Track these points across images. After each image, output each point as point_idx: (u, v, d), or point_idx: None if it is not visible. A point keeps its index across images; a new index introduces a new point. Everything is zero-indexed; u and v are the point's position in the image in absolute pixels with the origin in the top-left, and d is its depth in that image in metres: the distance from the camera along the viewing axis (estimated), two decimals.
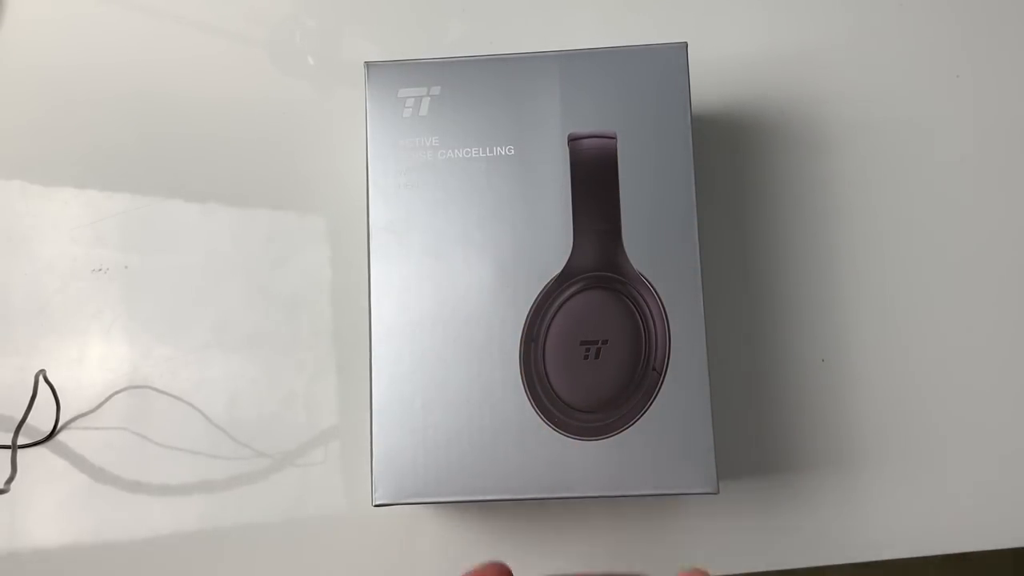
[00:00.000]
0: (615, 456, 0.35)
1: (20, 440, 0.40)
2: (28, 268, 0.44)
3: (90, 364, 0.43)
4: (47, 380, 0.42)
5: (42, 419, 0.42)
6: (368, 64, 0.38)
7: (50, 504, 0.42)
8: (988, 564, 0.89)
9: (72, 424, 0.42)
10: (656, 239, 0.36)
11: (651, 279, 0.36)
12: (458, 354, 0.36)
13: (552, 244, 0.36)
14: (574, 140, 0.37)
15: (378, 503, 0.35)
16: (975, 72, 0.45)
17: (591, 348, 0.36)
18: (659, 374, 0.36)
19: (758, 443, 0.42)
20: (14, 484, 0.40)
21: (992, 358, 0.43)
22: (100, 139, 0.45)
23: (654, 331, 0.36)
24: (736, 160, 0.44)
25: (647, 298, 0.36)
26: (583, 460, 0.35)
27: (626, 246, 0.36)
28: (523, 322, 0.36)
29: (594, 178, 0.37)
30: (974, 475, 0.42)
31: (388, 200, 0.37)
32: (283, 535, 0.41)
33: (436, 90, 0.38)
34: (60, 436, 0.42)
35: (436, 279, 0.37)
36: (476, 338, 0.36)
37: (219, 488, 0.42)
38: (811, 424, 0.42)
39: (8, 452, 0.39)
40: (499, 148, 0.37)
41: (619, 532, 0.41)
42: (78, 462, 0.42)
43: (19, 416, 0.40)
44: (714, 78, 0.45)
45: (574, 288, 0.36)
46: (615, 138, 0.37)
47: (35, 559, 0.41)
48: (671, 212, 0.37)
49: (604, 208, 0.37)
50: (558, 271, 0.36)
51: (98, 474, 0.42)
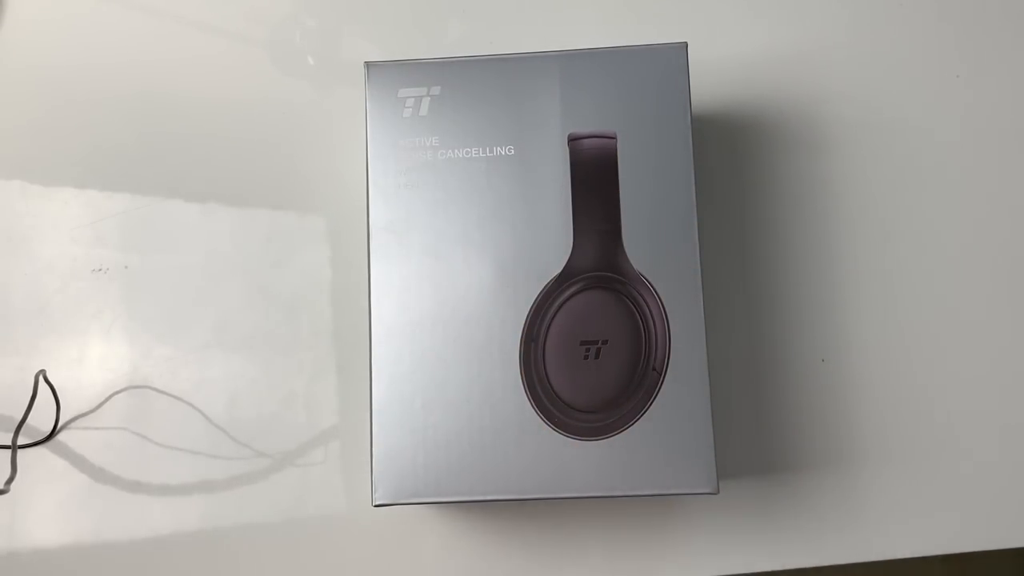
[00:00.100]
0: (615, 456, 0.35)
1: (20, 440, 0.40)
2: (28, 268, 0.44)
3: (90, 364, 0.43)
4: (47, 380, 0.42)
5: (42, 419, 0.42)
6: (368, 64, 0.38)
7: (50, 504, 0.42)
8: (990, 564, 0.89)
9: (72, 424, 0.42)
10: (656, 239, 0.36)
11: (651, 279, 0.36)
12: (458, 354, 0.36)
13: (552, 244, 0.36)
14: (574, 140, 0.37)
15: (378, 503, 0.35)
16: (975, 72, 0.45)
17: (591, 348, 0.36)
18: (659, 374, 0.36)
19: (758, 443, 0.42)
20: (14, 484, 0.40)
21: (992, 358, 0.43)
22: (100, 139, 0.45)
23: (654, 331, 0.36)
24: (736, 160, 0.44)
25: (647, 298, 0.36)
26: (583, 460, 0.35)
27: (626, 246, 0.36)
28: (523, 322, 0.36)
29: (594, 178, 0.37)
30: (974, 475, 0.42)
31: (388, 200, 0.37)
32: (283, 535, 0.41)
33: (436, 90, 0.38)
34: (60, 436, 0.42)
35: (436, 279, 0.37)
36: (476, 338, 0.36)
37: (219, 488, 0.42)
38: (811, 424, 0.42)
39: (8, 452, 0.39)
40: (499, 148, 0.37)
41: (619, 532, 0.41)
42: (78, 462, 0.42)
43: (19, 416, 0.40)
44: (714, 78, 0.45)
45: (574, 288, 0.36)
46: (615, 138, 0.37)
47: (35, 559, 0.41)
48: (671, 212, 0.37)
49: (604, 208, 0.37)
50: (558, 271, 0.36)
51: (98, 474, 0.42)
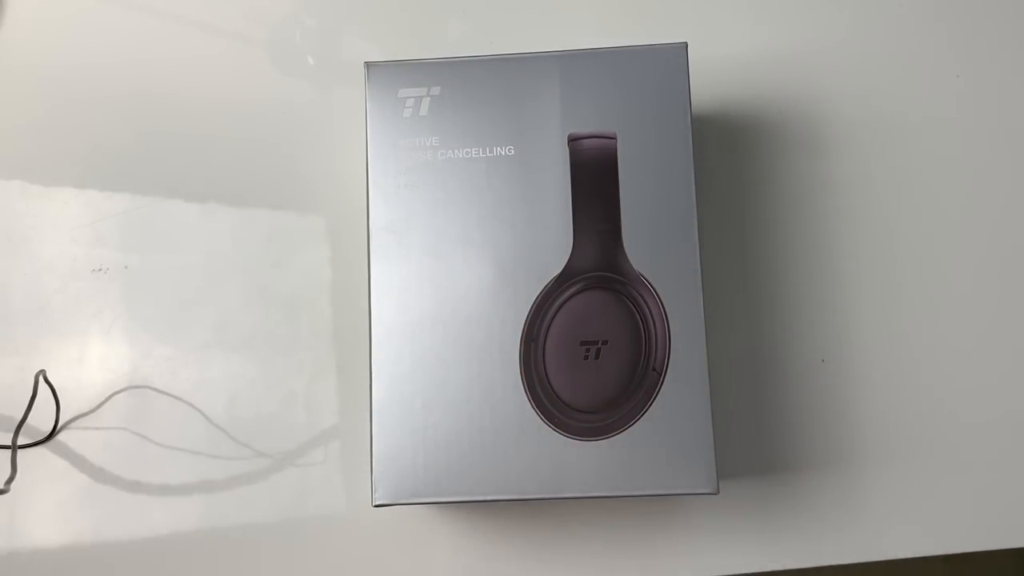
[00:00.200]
0: (615, 456, 0.35)
1: (20, 440, 0.40)
2: (28, 268, 0.44)
3: (90, 364, 0.43)
4: (47, 380, 0.42)
5: (42, 419, 0.42)
6: (368, 64, 0.38)
7: (50, 504, 0.42)
8: (990, 564, 0.89)
9: (72, 424, 0.42)
10: (656, 239, 0.36)
11: (651, 279, 0.36)
12: (458, 354, 0.36)
13: (552, 244, 0.36)
14: (574, 140, 0.37)
15: (378, 503, 0.35)
16: (975, 72, 0.45)
17: (591, 348, 0.36)
18: (659, 374, 0.36)
19: (758, 443, 0.42)
20: (14, 484, 0.40)
21: (992, 358, 0.43)
22: (100, 139, 0.45)
23: (654, 331, 0.36)
24: (736, 160, 0.44)
25: (647, 298, 0.36)
26: (583, 460, 0.35)
27: (626, 246, 0.36)
28: (523, 322, 0.36)
29: (594, 178, 0.37)
30: (974, 475, 0.42)
31: (388, 200, 0.37)
32: (283, 535, 0.41)
33: (436, 90, 0.38)
34: (60, 436, 0.42)
35: (436, 279, 0.37)
36: (476, 338, 0.36)
37: (219, 488, 0.42)
38: (811, 424, 0.42)
39: (8, 452, 0.39)
40: (499, 148, 0.37)
41: (619, 532, 0.41)
42: (78, 462, 0.42)
43: (19, 416, 0.40)
44: (714, 78, 0.45)
45: (574, 288, 0.36)
46: (615, 138, 0.37)
47: (35, 559, 0.41)
48: (671, 212, 0.37)
49: (604, 208, 0.37)
50: (558, 271, 0.36)
51: (98, 474, 0.42)
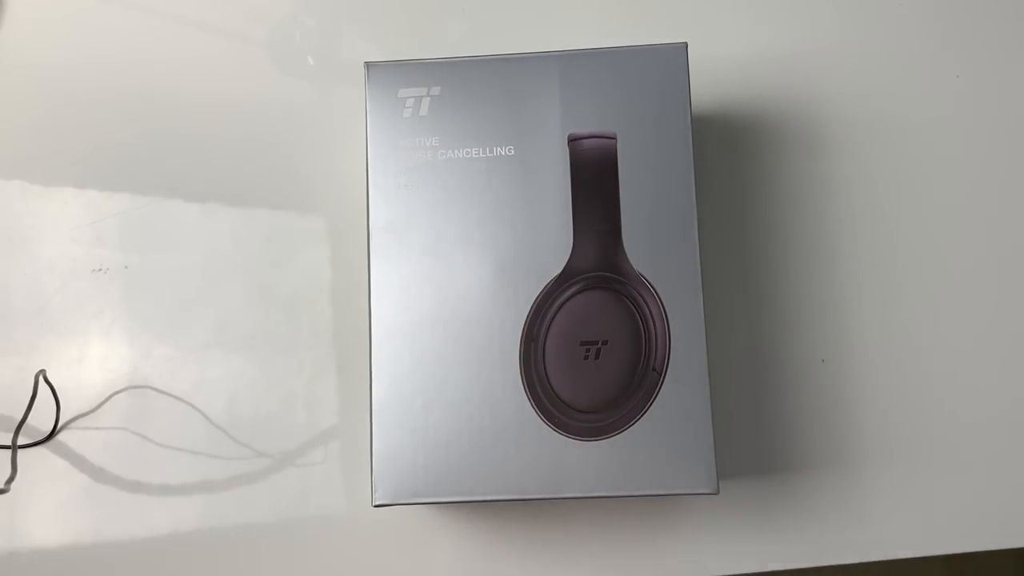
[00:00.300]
0: (615, 456, 0.35)
1: (20, 440, 0.40)
2: (28, 268, 0.44)
3: (90, 364, 0.43)
4: (47, 380, 0.42)
5: (42, 419, 0.42)
6: (368, 64, 0.38)
7: (50, 504, 0.42)
8: (990, 564, 0.89)
9: (72, 424, 0.42)
10: (656, 239, 0.36)
11: (651, 279, 0.36)
12: (458, 354, 0.36)
13: (552, 244, 0.36)
14: (574, 140, 0.37)
15: (378, 503, 0.35)
16: (975, 72, 0.45)
17: (591, 348, 0.36)
18: (659, 374, 0.36)
19: (758, 443, 0.42)
20: (14, 484, 0.40)
21: (992, 358, 0.43)
22: (100, 139, 0.45)
23: (654, 331, 0.36)
24: (736, 160, 0.44)
25: (647, 298, 0.36)
26: (583, 460, 0.35)
27: (626, 246, 0.36)
28: (523, 322, 0.36)
29: (594, 178, 0.37)
30: (974, 475, 0.42)
31: (388, 200, 0.37)
32: (283, 535, 0.41)
33: (436, 90, 0.38)
34: (60, 436, 0.42)
35: (436, 279, 0.37)
36: (476, 338, 0.36)
37: (219, 488, 0.42)
38: (811, 424, 0.42)
39: (8, 452, 0.39)
40: (499, 148, 0.37)
41: (619, 532, 0.41)
42: (78, 462, 0.42)
43: (19, 416, 0.40)
44: (714, 78, 0.45)
45: (574, 288, 0.36)
46: (615, 138, 0.37)
47: (35, 559, 0.41)
48: (671, 212, 0.37)
49: (604, 208, 0.37)
50: (558, 271, 0.36)
51: (98, 474, 0.42)
